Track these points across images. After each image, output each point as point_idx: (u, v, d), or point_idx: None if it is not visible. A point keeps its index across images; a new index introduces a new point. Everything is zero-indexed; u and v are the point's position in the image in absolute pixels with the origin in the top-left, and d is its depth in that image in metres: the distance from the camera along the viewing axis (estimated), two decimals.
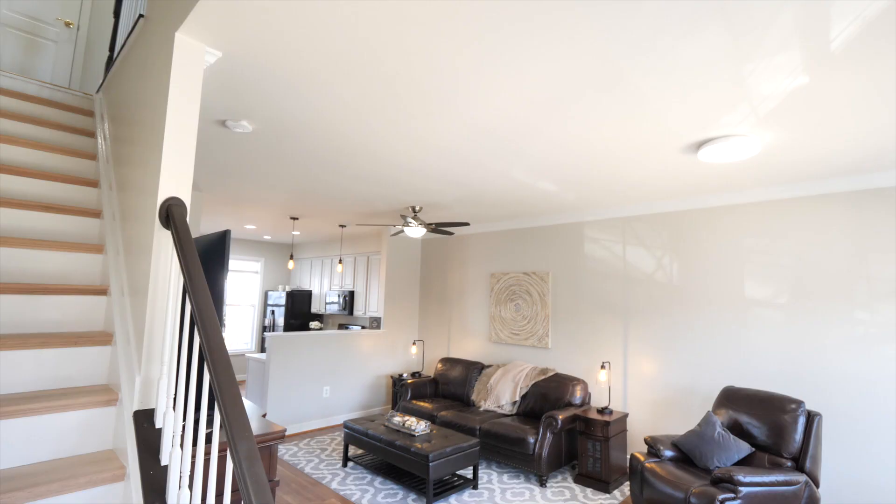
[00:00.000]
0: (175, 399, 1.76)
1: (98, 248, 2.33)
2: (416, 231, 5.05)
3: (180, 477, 1.46)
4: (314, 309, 8.75)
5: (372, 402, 6.33)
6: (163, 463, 1.56)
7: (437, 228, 5.41)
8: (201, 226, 7.06)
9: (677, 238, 4.47)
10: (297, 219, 6.10)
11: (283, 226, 6.86)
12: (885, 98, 2.26)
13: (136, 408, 1.67)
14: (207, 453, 1.70)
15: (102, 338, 1.98)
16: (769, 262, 3.95)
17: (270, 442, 2.00)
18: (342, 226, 6.64)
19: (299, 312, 8.68)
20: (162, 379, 1.61)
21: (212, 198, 5.05)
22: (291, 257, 6.24)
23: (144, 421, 1.67)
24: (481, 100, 2.39)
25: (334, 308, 8.05)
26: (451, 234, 5.34)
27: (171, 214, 1.72)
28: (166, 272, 1.74)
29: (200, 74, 1.88)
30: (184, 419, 1.80)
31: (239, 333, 8.93)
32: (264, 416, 2.29)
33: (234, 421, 1.20)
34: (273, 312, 8.84)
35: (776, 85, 2.15)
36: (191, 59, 1.86)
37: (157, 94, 1.95)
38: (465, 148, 3.15)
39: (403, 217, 4.73)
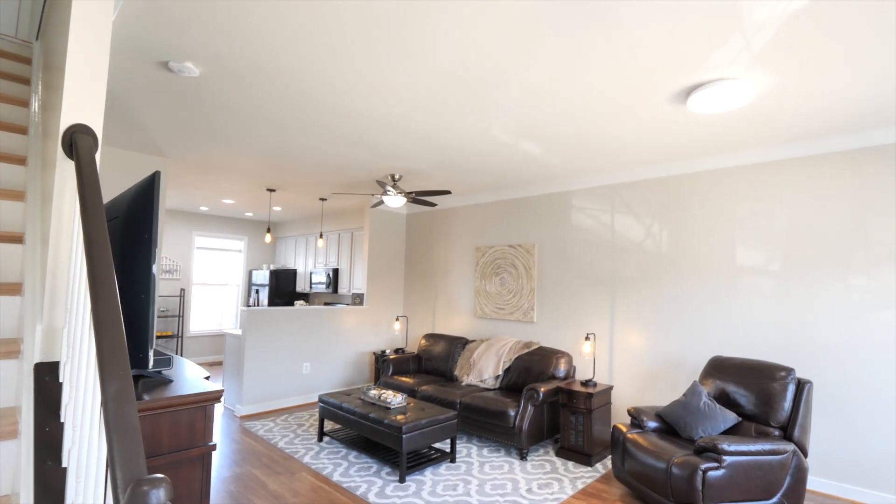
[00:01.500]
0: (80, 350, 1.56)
1: (20, 195, 2.11)
2: (395, 200, 4.84)
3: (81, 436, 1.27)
4: (299, 288, 8.56)
5: (355, 380, 6.18)
6: (62, 419, 1.37)
7: (417, 198, 5.19)
8: (175, 199, 6.81)
9: (667, 205, 4.27)
10: (274, 191, 5.86)
11: (262, 200, 6.62)
12: (885, 39, 2.04)
13: (37, 360, 1.48)
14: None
15: (15, 288, 1.78)
16: (762, 228, 3.76)
17: (204, 402, 1.81)
18: (322, 199, 6.41)
19: (284, 292, 8.48)
20: (66, 328, 1.41)
21: (180, 166, 4.81)
22: (269, 230, 6.02)
23: (46, 374, 1.47)
24: (445, 34, 2.16)
25: (321, 287, 7.85)
26: (433, 205, 5.12)
27: (76, 143, 1.51)
28: (71, 208, 1.53)
29: None
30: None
31: (223, 314, 8.74)
32: (207, 378, 2.10)
33: (107, 356, 1.00)
34: (257, 292, 8.65)
35: (772, 8, 1.92)
36: None
37: (65, 15, 1.72)
38: (434, 98, 2.92)
39: (382, 185, 4.50)
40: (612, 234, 4.61)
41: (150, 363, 1.84)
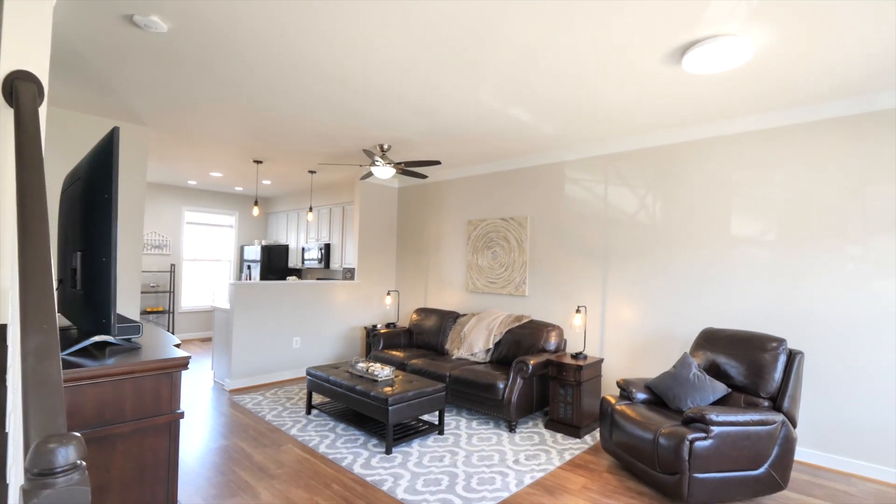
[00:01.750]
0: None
1: None
2: (384, 171, 4.71)
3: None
4: (292, 263, 8.47)
5: (346, 354, 6.15)
6: (8, 383, 1.29)
7: (406, 169, 5.07)
8: (162, 172, 6.65)
9: (662, 175, 4.16)
10: (260, 162, 5.71)
11: (250, 173, 6.47)
12: None
13: None
14: (79, 379, 1.44)
15: None
16: (758, 197, 3.66)
17: (170, 369, 1.74)
18: (312, 172, 6.27)
19: (276, 268, 8.40)
20: (13, 288, 1.32)
21: (162, 136, 4.66)
22: (256, 203, 5.89)
23: None
24: None
25: (313, 263, 7.76)
26: (423, 176, 5.00)
27: (16, 90, 1.39)
28: (11, 158, 1.42)
29: None
30: None
31: (215, 290, 8.67)
32: (178, 345, 2.03)
33: (31, 308, 0.91)
34: (249, 268, 8.56)
35: None
36: None
37: None
38: (416, 59, 2.78)
39: (370, 155, 4.37)
40: (606, 205, 4.51)
41: (114, 328, 1.76)
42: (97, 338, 1.84)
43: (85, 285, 1.87)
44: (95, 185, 1.82)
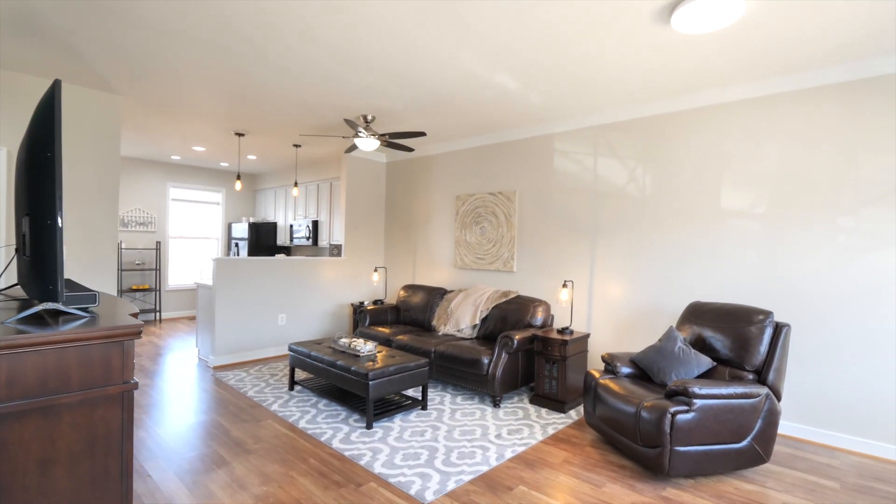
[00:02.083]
0: None
1: None
2: (368, 143, 4.57)
3: None
4: (280, 241, 8.35)
5: (333, 331, 6.09)
6: None
7: (391, 141, 4.93)
8: (143, 146, 6.46)
9: (653, 146, 4.04)
10: (242, 135, 5.54)
11: (233, 146, 6.30)
12: None
13: None
14: (16, 346, 1.35)
15: None
16: (750, 169, 3.56)
17: (120, 338, 1.65)
18: (296, 146, 6.10)
19: (265, 245, 8.28)
20: None
21: (137, 106, 4.48)
22: (238, 178, 5.74)
23: None
24: None
25: (302, 240, 7.64)
26: (410, 149, 4.86)
27: None
28: None
29: None
30: None
31: (203, 268, 8.56)
32: (136, 315, 1.94)
33: None
34: (237, 245, 8.44)
35: None
36: None
37: None
38: (397, 16, 2.63)
39: (353, 125, 4.21)
40: (595, 178, 4.40)
41: (61, 296, 1.67)
42: (43, 306, 1.74)
43: (32, 251, 1.77)
44: (38, 143, 1.71)
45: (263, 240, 8.25)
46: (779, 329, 2.97)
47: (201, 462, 2.82)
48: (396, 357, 3.73)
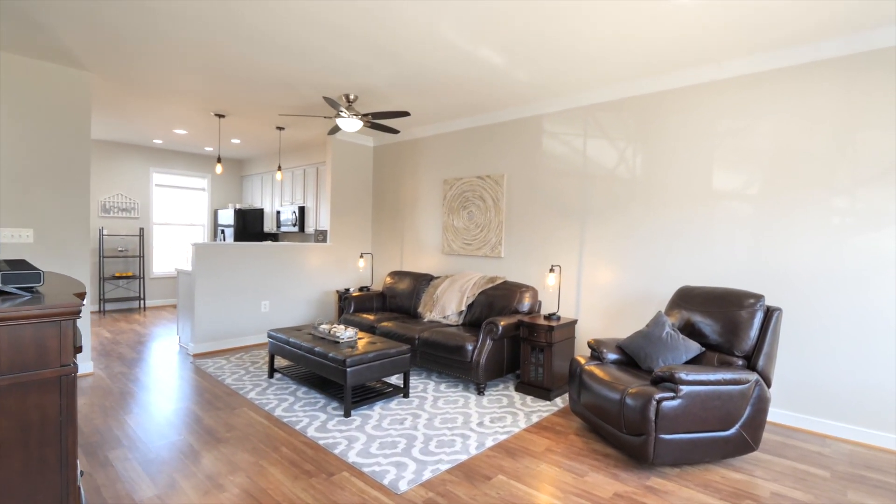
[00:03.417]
0: None
1: None
2: (351, 124, 4.41)
3: None
4: (267, 228, 8.19)
5: (321, 319, 5.96)
6: None
7: (375, 122, 4.77)
8: (122, 129, 6.26)
9: (644, 126, 3.90)
10: (223, 116, 5.36)
11: (215, 128, 6.11)
12: None
13: None
14: None
15: None
16: (743, 148, 3.43)
17: (56, 318, 1.52)
18: (280, 128, 5.92)
19: (252, 232, 8.12)
20: None
21: (109, 82, 4.29)
22: (219, 160, 5.56)
23: None
24: None
25: (289, 227, 7.48)
26: (395, 131, 4.70)
27: None
28: None
29: None
30: None
31: (187, 257, 8.39)
32: (82, 295, 1.80)
33: None
34: (223, 232, 8.27)
35: None
36: None
37: None
38: None
39: (334, 105, 4.05)
40: (585, 160, 4.26)
41: None
42: None
43: None
44: None
45: (250, 226, 8.09)
46: (770, 313, 2.86)
47: (168, 451, 2.71)
48: (377, 343, 3.61)
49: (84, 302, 1.63)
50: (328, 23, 2.99)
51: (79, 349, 1.72)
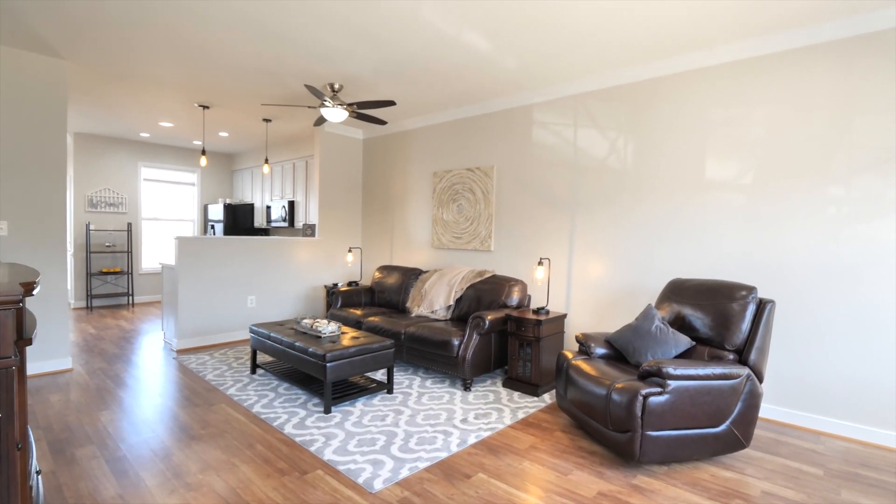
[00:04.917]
0: None
1: None
2: (336, 114, 4.30)
3: None
4: (258, 223, 8.08)
5: (306, 314, 5.86)
6: None
7: (360, 111, 4.66)
8: (108, 123, 6.13)
9: (636, 115, 3.80)
10: (207, 107, 5.24)
11: (200, 120, 5.99)
12: None
13: None
14: None
15: None
16: (737, 137, 3.32)
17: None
18: (266, 120, 5.80)
19: (242, 227, 8.01)
20: None
21: (86, 71, 4.17)
22: (203, 153, 5.45)
23: None
24: None
25: (279, 222, 7.37)
26: (382, 122, 4.59)
27: None
28: None
29: None
30: None
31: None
32: (32, 284, 1.70)
33: None
34: (213, 227, 8.16)
35: None
36: None
37: None
38: None
39: (318, 94, 3.94)
40: (575, 151, 4.16)
41: None
42: None
43: None
44: None
45: (240, 221, 7.98)
46: (762, 306, 2.77)
47: (139, 449, 2.61)
48: (360, 338, 3.51)
49: (34, 292, 1.53)
50: (307, 4, 2.88)
51: (28, 341, 1.62)
